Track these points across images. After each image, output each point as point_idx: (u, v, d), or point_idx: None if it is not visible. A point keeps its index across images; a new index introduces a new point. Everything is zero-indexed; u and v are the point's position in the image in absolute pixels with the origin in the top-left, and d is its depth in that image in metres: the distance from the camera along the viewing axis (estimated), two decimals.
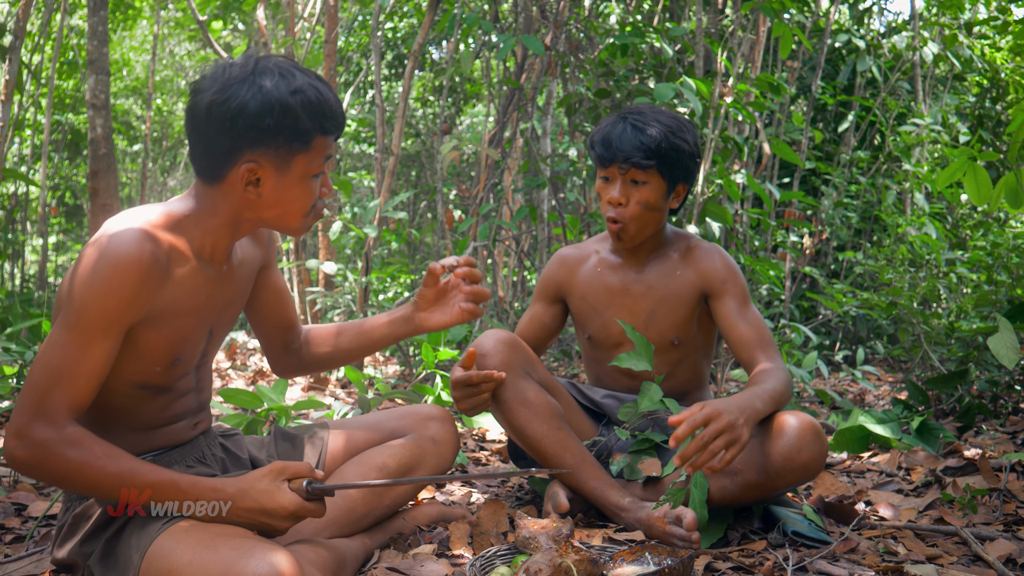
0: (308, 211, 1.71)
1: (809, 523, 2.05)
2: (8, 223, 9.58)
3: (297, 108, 1.60)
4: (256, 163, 1.62)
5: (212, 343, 1.81)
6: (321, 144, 1.67)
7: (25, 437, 1.51)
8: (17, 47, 4.96)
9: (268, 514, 1.58)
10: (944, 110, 6.87)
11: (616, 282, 2.38)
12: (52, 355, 1.54)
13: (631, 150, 2.21)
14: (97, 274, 1.53)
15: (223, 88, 1.60)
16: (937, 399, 3.62)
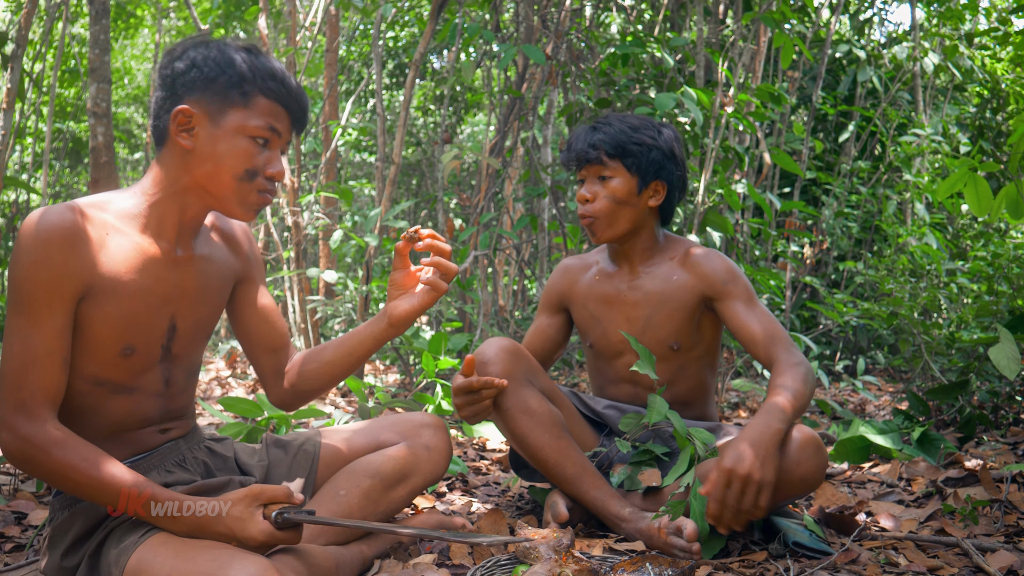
0: (243, 174, 1.66)
1: (810, 534, 2.04)
2: (9, 231, 9.58)
3: (239, 60, 1.64)
4: (191, 108, 1.63)
5: (178, 340, 1.76)
6: (264, 106, 1.66)
7: (11, 430, 1.53)
8: (19, 55, 4.98)
9: (239, 542, 1.57)
10: (945, 120, 6.88)
11: (612, 289, 2.39)
12: (12, 343, 1.55)
13: (584, 146, 2.30)
14: (23, 249, 1.55)
15: (178, 46, 1.68)
16: (938, 410, 3.61)
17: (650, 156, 2.29)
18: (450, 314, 6.08)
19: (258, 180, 1.68)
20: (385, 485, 1.96)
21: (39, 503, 2.42)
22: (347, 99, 9.37)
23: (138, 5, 11.00)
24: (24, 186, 5.80)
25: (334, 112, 7.78)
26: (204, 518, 1.57)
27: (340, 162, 9.22)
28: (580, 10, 5.74)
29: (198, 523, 1.58)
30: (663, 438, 2.33)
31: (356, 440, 2.08)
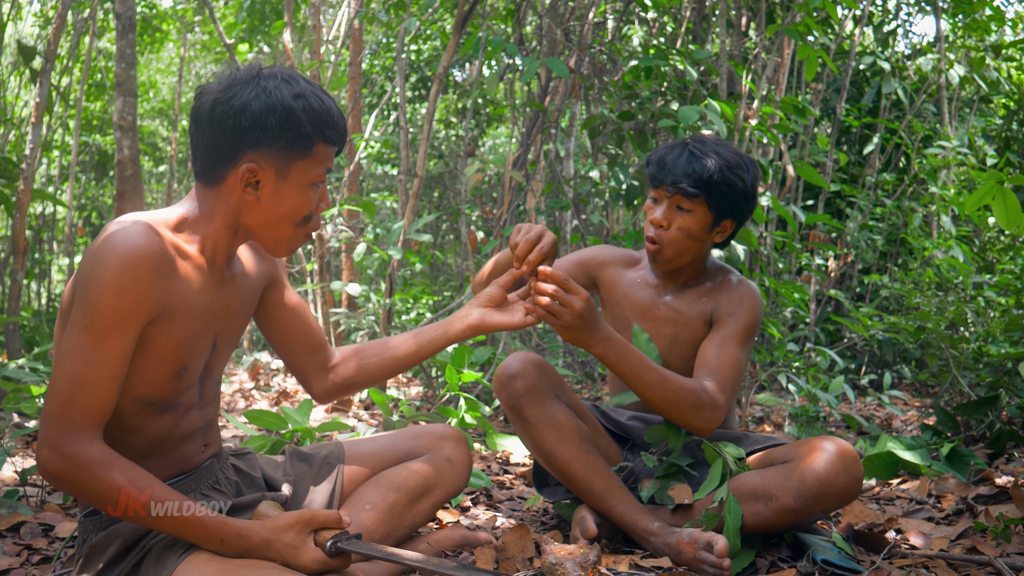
0: (301, 221, 1.70)
1: (839, 551, 2.02)
2: (36, 243, 9.67)
3: (299, 112, 1.61)
4: (256, 164, 1.62)
5: (216, 356, 1.78)
6: (322, 152, 1.67)
7: (56, 449, 1.50)
8: (48, 70, 5.03)
9: (290, 569, 1.58)
10: (971, 132, 6.82)
11: (647, 300, 2.39)
12: (73, 361, 1.51)
13: (681, 175, 2.20)
14: (108, 271, 1.51)
15: (227, 88, 1.62)
16: (967, 425, 3.57)
17: (733, 199, 2.24)
18: None
19: (312, 221, 1.72)
20: (410, 499, 1.96)
21: (66, 515, 2.43)
22: (370, 112, 9.41)
23: (164, 20, 11.11)
24: (51, 198, 5.86)
25: (357, 125, 7.82)
26: (253, 544, 1.58)
27: (363, 175, 9.26)
28: (603, 23, 5.75)
29: (247, 548, 1.58)
30: (689, 449, 2.32)
31: (378, 452, 2.08)
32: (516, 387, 2.16)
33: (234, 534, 1.58)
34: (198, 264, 1.67)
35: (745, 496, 2.01)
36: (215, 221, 1.68)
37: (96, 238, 1.58)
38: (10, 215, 5.28)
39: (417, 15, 5.01)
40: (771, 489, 1.99)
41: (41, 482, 2.70)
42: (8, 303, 5.15)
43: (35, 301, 10.45)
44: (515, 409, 2.18)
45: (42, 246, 10.22)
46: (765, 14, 5.58)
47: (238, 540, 1.58)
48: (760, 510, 2.00)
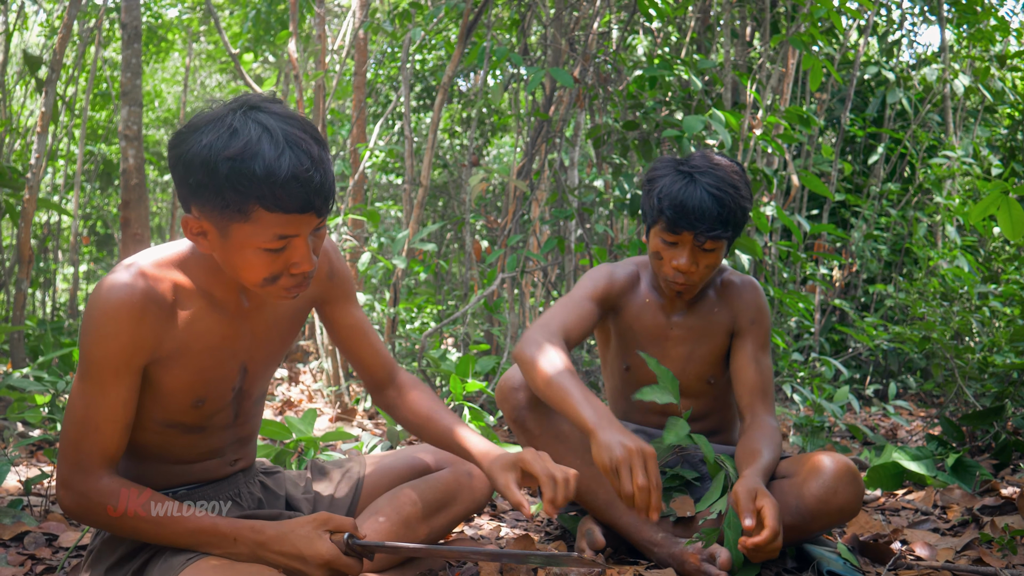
0: (260, 281, 1.56)
1: (844, 562, 2.01)
2: (40, 252, 9.69)
3: (223, 173, 1.43)
4: (197, 218, 1.52)
5: (250, 379, 1.77)
6: (267, 219, 1.47)
7: (69, 488, 1.57)
8: (53, 80, 5.04)
9: (304, 560, 1.57)
10: (975, 142, 6.81)
11: (660, 323, 2.34)
12: (75, 407, 1.58)
13: (713, 222, 2.11)
14: (92, 321, 1.55)
15: (186, 128, 1.51)
16: (972, 435, 3.56)
17: (746, 219, 2.21)
18: (477, 336, 6.08)
19: (282, 279, 1.57)
20: (426, 512, 1.95)
21: (70, 525, 2.42)
22: (375, 122, 9.43)
23: (169, 29, 11.15)
24: (56, 208, 5.86)
25: (362, 135, 7.83)
26: (267, 536, 1.58)
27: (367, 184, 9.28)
28: (607, 33, 5.75)
29: (260, 542, 1.58)
30: (692, 463, 2.31)
31: (399, 466, 2.08)
32: (518, 399, 2.16)
33: (247, 529, 1.59)
34: (203, 304, 1.64)
35: None
36: (209, 259, 1.64)
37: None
38: (15, 224, 5.29)
39: (422, 25, 5.03)
40: None
41: (45, 491, 2.70)
42: (13, 312, 5.15)
43: (40, 310, 10.45)
44: (518, 421, 2.17)
45: (47, 255, 10.23)
46: (770, 24, 5.58)
47: (251, 535, 1.58)
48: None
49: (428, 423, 1.92)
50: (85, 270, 13.50)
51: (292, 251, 1.53)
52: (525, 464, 1.71)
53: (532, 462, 1.71)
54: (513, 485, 1.70)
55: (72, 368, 4.66)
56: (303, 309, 1.85)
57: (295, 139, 1.46)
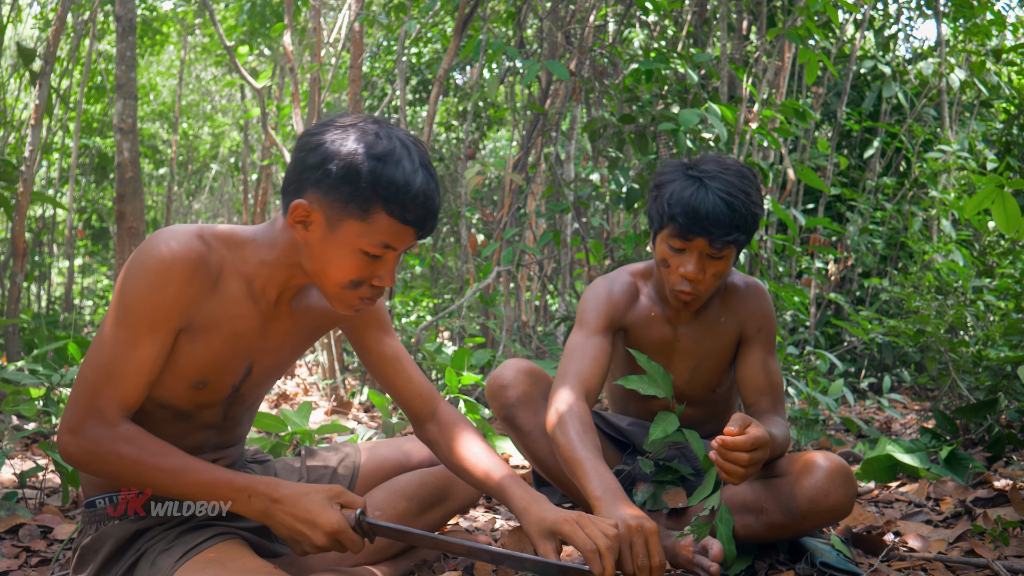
0: (346, 283, 1.60)
1: (837, 554, 2.02)
2: (35, 245, 9.67)
3: (365, 171, 1.52)
4: (310, 204, 1.56)
5: (249, 381, 1.76)
6: (384, 224, 1.55)
7: (78, 433, 1.52)
8: (47, 72, 5.03)
9: (313, 525, 1.56)
10: (971, 137, 6.82)
11: (667, 336, 2.30)
12: (102, 352, 1.54)
13: (726, 228, 2.03)
14: (145, 269, 1.53)
15: (321, 125, 1.59)
16: (966, 428, 3.57)
17: (755, 229, 2.13)
18: (472, 330, 6.08)
19: (362, 288, 1.62)
20: (421, 508, 1.96)
21: (65, 517, 2.43)
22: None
23: (164, 22, 11.11)
24: (51, 201, 5.85)
25: None
26: (281, 495, 1.57)
27: None
28: (603, 26, 5.75)
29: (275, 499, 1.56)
30: (688, 457, 2.32)
31: (395, 458, 2.08)
32: (508, 396, 2.16)
33: (263, 485, 1.58)
34: (243, 292, 1.65)
35: (736, 508, 2.01)
36: (274, 250, 1.65)
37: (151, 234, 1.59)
38: (10, 218, 5.28)
39: (417, 18, 5.02)
40: (762, 503, 1.99)
41: (40, 484, 2.70)
42: (7, 305, 5.15)
43: (35, 304, 10.44)
44: (507, 419, 2.18)
45: (42, 248, 10.22)
46: (766, 18, 5.58)
47: (266, 490, 1.57)
48: (751, 523, 2.00)
49: (467, 467, 1.85)
50: (80, 264, 13.49)
51: (384, 263, 1.61)
52: (565, 536, 1.63)
53: (572, 534, 1.62)
54: (553, 556, 1.65)
55: (67, 361, 4.65)
56: (323, 328, 1.85)
57: (426, 163, 1.58)
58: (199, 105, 14.97)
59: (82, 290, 13.48)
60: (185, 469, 1.54)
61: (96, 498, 1.69)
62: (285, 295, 1.72)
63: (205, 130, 15.03)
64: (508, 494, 1.76)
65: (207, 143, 15.16)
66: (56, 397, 3.70)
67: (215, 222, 17.97)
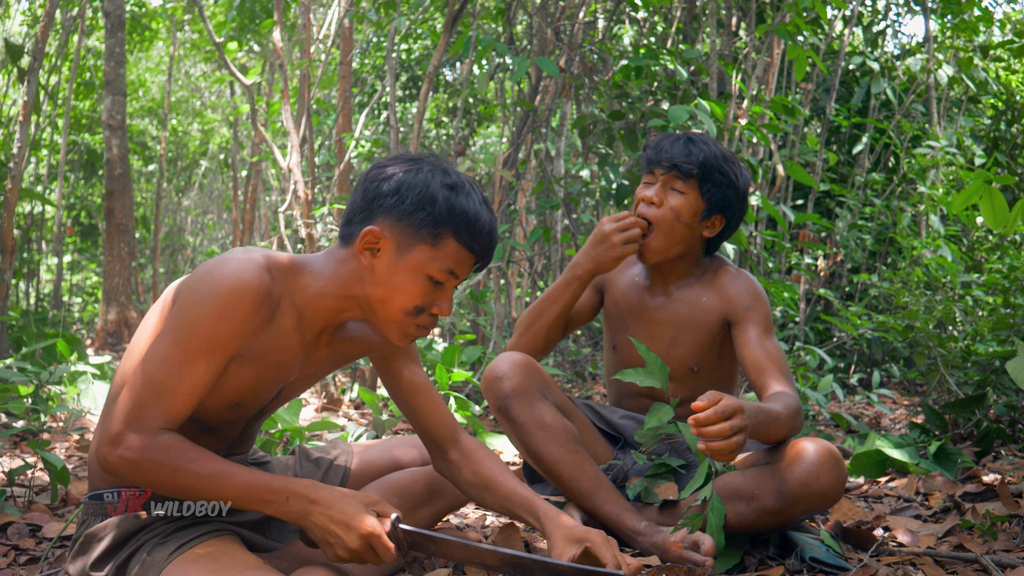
0: (411, 309, 1.67)
1: (827, 549, 2.03)
2: (24, 242, 9.64)
3: (441, 199, 1.62)
4: (381, 230, 1.63)
5: (276, 402, 1.81)
6: (451, 250, 1.65)
7: (119, 444, 1.52)
8: (36, 69, 5.01)
9: (348, 528, 1.56)
10: (959, 132, 6.84)
11: (643, 303, 2.40)
12: (156, 369, 1.54)
13: (678, 154, 2.26)
14: (214, 295, 1.54)
15: (392, 157, 1.67)
16: (954, 423, 3.59)
17: (725, 192, 2.29)
18: (463, 326, 6.08)
19: (422, 316, 1.69)
20: (411, 506, 1.97)
21: (53, 515, 2.42)
22: (361, 111, 9.40)
23: (153, 18, 11.08)
24: (39, 198, 5.83)
25: (348, 124, 7.81)
26: (322, 497, 1.58)
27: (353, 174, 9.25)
28: (593, 23, 5.75)
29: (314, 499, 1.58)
30: (679, 451, 2.33)
31: (387, 457, 2.10)
32: (503, 388, 2.17)
33: (301, 487, 1.59)
34: (296, 320, 1.68)
35: (728, 496, 2.02)
36: (332, 282, 1.68)
37: (216, 257, 1.61)
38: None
39: (407, 14, 5.01)
40: (753, 489, 2.00)
41: (29, 482, 2.69)
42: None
43: (23, 301, 10.40)
44: (502, 410, 2.19)
45: (30, 245, 10.18)
46: (755, 14, 5.59)
47: (305, 492, 1.58)
48: (742, 510, 2.01)
49: (492, 485, 1.86)
50: (69, 260, 13.45)
51: (444, 291, 1.69)
52: (593, 547, 1.66)
53: (601, 548, 1.66)
54: (567, 559, 1.65)
55: (55, 359, 4.64)
56: (357, 356, 1.88)
57: (487, 202, 1.71)
58: (188, 101, 14.93)
59: (71, 287, 13.44)
60: (223, 474, 1.56)
61: (104, 491, 1.70)
62: (329, 328, 1.75)
63: (194, 126, 15.00)
64: (536, 508, 1.80)
65: (196, 139, 15.12)
66: (45, 395, 3.68)
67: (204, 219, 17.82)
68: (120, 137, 5.45)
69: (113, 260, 7.77)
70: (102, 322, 8.23)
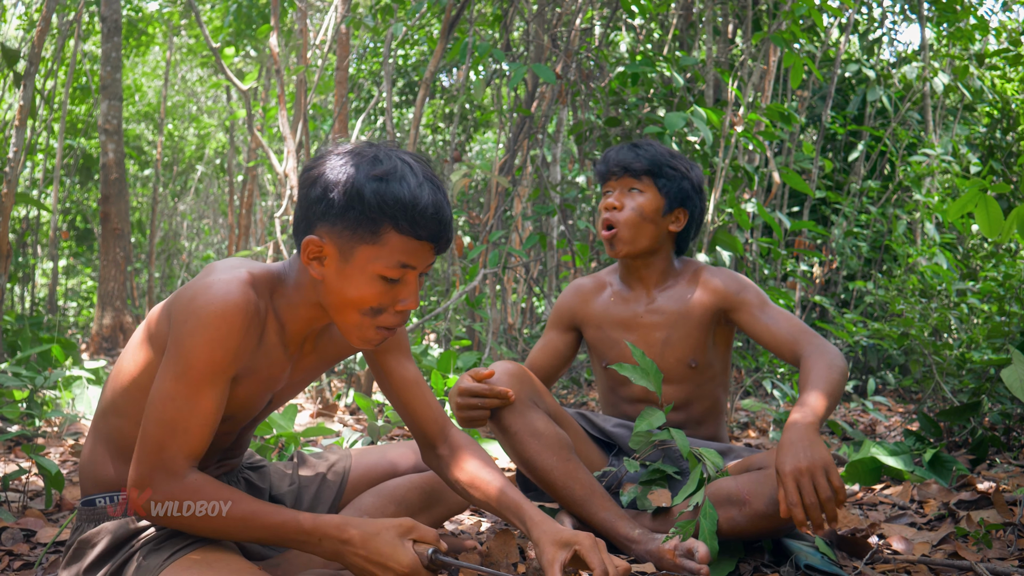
0: (366, 310, 1.58)
1: (822, 556, 2.03)
2: (19, 247, 9.62)
3: (368, 193, 1.51)
4: (320, 239, 1.56)
5: (267, 410, 1.81)
6: (396, 243, 1.53)
7: (146, 488, 1.53)
8: (32, 73, 5.01)
9: (384, 568, 1.56)
10: (955, 140, 6.86)
11: (628, 312, 2.42)
12: (164, 408, 1.53)
13: (625, 157, 2.37)
14: (203, 323, 1.51)
15: (318, 158, 1.58)
16: (949, 431, 3.59)
17: (681, 184, 2.37)
18: (459, 332, 6.08)
19: (383, 316, 1.60)
20: (410, 512, 1.97)
21: (48, 521, 2.41)
22: (357, 117, 9.40)
23: (149, 23, 11.08)
24: (34, 203, 5.83)
25: (344, 130, 7.81)
26: (354, 536, 1.56)
27: None
28: (590, 29, 5.76)
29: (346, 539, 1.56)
30: (673, 458, 2.32)
31: (385, 464, 2.09)
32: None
33: (332, 527, 1.57)
34: (279, 330, 1.66)
35: (720, 501, 2.02)
36: (299, 292, 1.65)
37: (198, 278, 1.57)
38: None
39: (404, 20, 5.02)
40: (745, 495, 2.00)
41: (23, 487, 2.69)
42: None
43: (18, 305, 10.38)
44: (495, 419, 2.19)
45: (26, 250, 10.15)
46: (751, 21, 5.60)
47: (336, 533, 1.57)
48: (734, 515, 2.00)
49: (478, 484, 1.82)
50: (64, 265, 13.42)
51: (404, 285, 1.59)
52: (582, 551, 1.63)
53: (589, 552, 1.62)
54: (558, 565, 1.62)
55: (50, 364, 4.63)
56: (345, 355, 1.85)
57: (431, 177, 1.57)
58: (185, 106, 14.92)
59: (66, 291, 13.41)
60: (254, 515, 1.55)
61: (96, 497, 1.70)
62: (312, 335, 1.74)
63: (191, 131, 14.99)
64: (523, 507, 1.75)
65: (193, 144, 15.11)
66: (39, 399, 3.68)
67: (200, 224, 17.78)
68: (116, 142, 5.45)
69: (109, 265, 7.76)
70: (97, 327, 8.22)
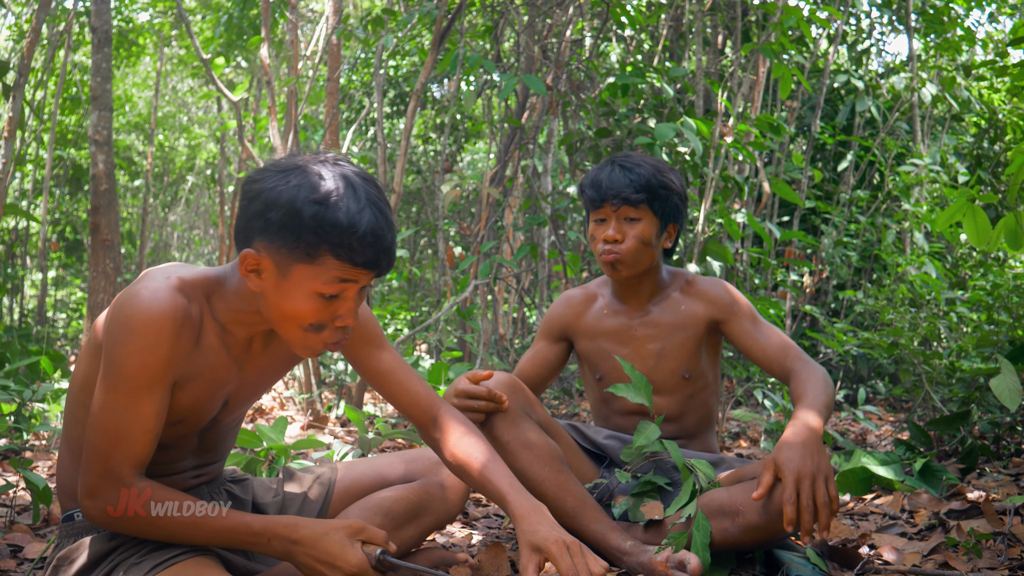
0: (306, 326, 1.57)
1: (813, 567, 2.03)
2: (8, 258, 9.59)
3: (306, 216, 1.48)
4: (258, 253, 1.54)
5: (226, 411, 1.78)
6: (332, 265, 1.51)
7: (97, 497, 1.54)
8: (21, 84, 5.00)
9: (333, 567, 1.58)
10: (943, 150, 6.89)
11: (621, 325, 2.42)
12: (104, 418, 1.53)
13: (622, 187, 2.28)
14: (132, 332, 1.51)
15: (261, 171, 1.56)
16: (939, 440, 3.60)
17: (673, 201, 2.34)
18: (450, 343, 6.07)
19: (324, 332, 1.59)
20: (395, 524, 1.95)
21: (35, 536, 2.40)
22: (348, 128, 9.41)
23: (140, 34, 11.07)
24: (24, 214, 5.81)
25: (335, 141, 7.81)
26: (300, 536, 1.59)
27: None
28: (580, 40, 5.78)
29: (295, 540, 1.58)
30: (664, 469, 2.32)
31: (371, 475, 2.08)
32: (487, 407, 2.17)
33: (281, 527, 1.60)
34: (220, 333, 1.65)
35: (713, 512, 2.01)
36: (240, 298, 1.63)
37: (130, 286, 1.57)
38: None
39: (395, 32, 5.02)
40: (738, 505, 2.00)
41: (10, 502, 2.67)
42: None
43: (7, 316, 10.34)
44: (487, 429, 2.18)
45: (15, 261, 10.12)
46: (741, 33, 5.63)
47: (286, 533, 1.59)
48: (727, 526, 2.00)
49: (468, 469, 1.82)
50: (53, 276, 13.37)
51: (342, 301, 1.57)
52: (551, 556, 1.62)
53: (558, 557, 1.61)
54: (532, 568, 1.63)
55: (39, 376, 4.61)
56: (299, 357, 1.84)
57: (375, 199, 1.53)
58: (175, 117, 14.91)
59: (55, 303, 13.36)
60: (204, 520, 1.57)
61: (75, 511, 1.70)
62: (257, 337, 1.72)
63: (181, 142, 14.97)
64: (507, 499, 1.75)
65: (183, 155, 15.09)
66: (27, 412, 3.66)
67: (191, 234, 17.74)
68: (106, 152, 5.44)
69: (98, 276, 7.74)
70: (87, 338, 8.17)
